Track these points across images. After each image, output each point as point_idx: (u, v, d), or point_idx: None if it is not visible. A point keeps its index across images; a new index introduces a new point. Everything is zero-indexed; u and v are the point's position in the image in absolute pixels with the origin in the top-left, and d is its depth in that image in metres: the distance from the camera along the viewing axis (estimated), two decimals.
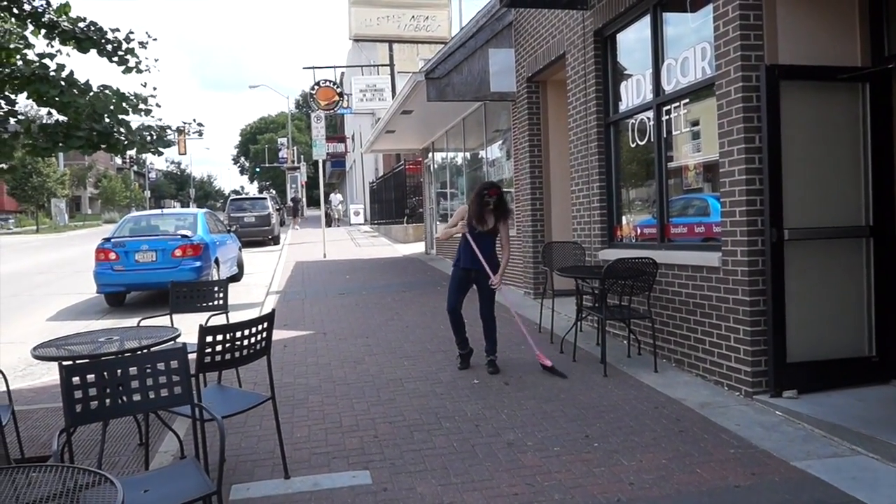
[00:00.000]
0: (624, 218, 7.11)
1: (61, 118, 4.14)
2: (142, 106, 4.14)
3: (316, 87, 22.93)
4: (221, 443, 2.74)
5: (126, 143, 4.14)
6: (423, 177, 18.18)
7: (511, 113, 10.01)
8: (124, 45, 4.47)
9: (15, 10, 4.23)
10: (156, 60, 4.65)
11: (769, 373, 4.88)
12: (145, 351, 3.61)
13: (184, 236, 11.22)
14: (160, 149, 4.44)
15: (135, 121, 4.26)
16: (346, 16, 20.50)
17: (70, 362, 2.97)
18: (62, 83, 3.83)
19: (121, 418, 4.63)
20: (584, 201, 7.58)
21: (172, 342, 4.22)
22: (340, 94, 23.09)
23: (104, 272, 10.88)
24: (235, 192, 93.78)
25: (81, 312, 11.09)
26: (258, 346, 3.73)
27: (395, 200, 22.27)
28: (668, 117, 6.11)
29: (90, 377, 2.78)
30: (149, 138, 4.34)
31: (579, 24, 7.47)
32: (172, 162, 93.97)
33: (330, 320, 8.48)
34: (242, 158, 77.87)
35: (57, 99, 3.80)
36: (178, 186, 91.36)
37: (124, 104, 4.02)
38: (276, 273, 14.54)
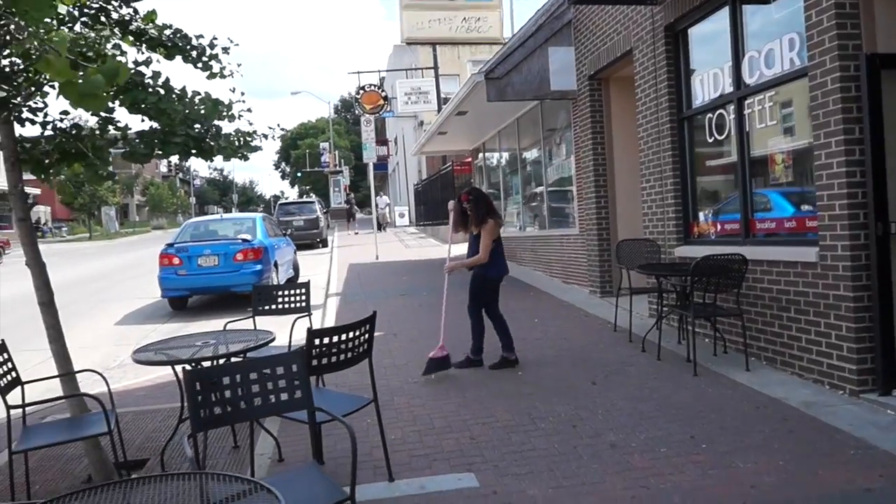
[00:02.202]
0: (701, 214, 6.93)
1: (153, 125, 4.16)
2: (233, 112, 4.14)
3: (361, 92, 23.02)
4: (353, 447, 2.69)
5: (217, 148, 4.14)
6: (472, 177, 18.10)
7: (571, 111, 9.87)
8: (208, 52, 4.46)
9: (103, 19, 4.27)
10: (238, 65, 4.65)
11: (877, 371, 4.68)
12: (250, 356, 3.59)
13: (244, 240, 11.32)
14: (247, 154, 4.44)
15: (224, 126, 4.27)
16: (398, 20, 20.56)
17: (191, 366, 2.95)
18: (160, 90, 3.84)
19: None
20: (656, 198, 7.41)
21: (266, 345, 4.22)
22: (385, 98, 23.14)
23: (168, 276, 11.05)
24: (276, 197, 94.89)
25: (147, 316, 11.27)
26: (361, 349, 3.69)
27: (442, 201, 22.20)
28: (750, 110, 5.92)
29: (213, 381, 2.76)
30: (236, 143, 4.34)
31: (648, 20, 7.31)
32: (215, 169, 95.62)
33: (397, 321, 8.44)
34: (283, 164, 78.64)
35: (153, 106, 3.81)
36: (221, 192, 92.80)
37: (219, 110, 4.01)
38: (331, 275, 14.61)
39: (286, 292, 5.58)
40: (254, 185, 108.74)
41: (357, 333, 3.60)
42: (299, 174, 67.76)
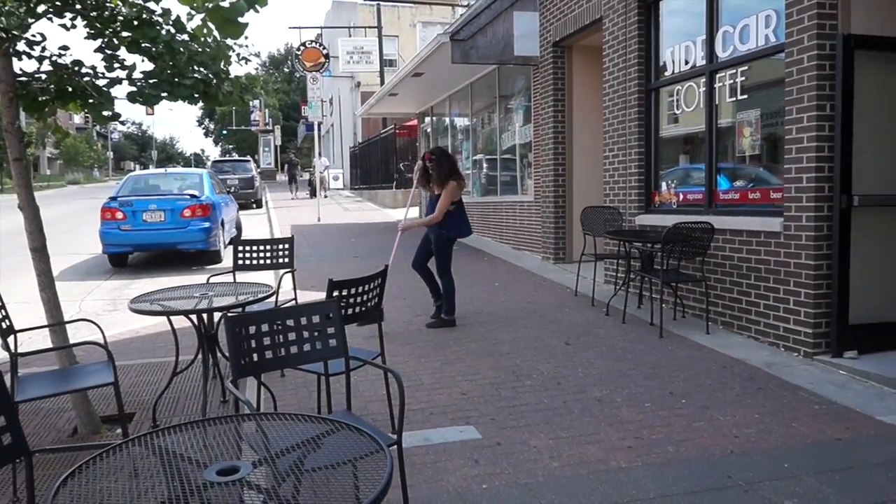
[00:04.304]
0: (663, 184, 7.20)
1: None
2: (241, 54, 4.03)
3: (302, 48, 22.38)
4: (401, 394, 2.76)
5: (223, 93, 4.02)
6: (417, 141, 18.05)
7: (532, 78, 9.98)
8: None
9: None
10: None
11: (831, 334, 5.05)
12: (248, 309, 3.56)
13: (192, 196, 10.99)
14: (248, 100, 4.34)
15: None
16: None
17: (231, 315, 2.92)
18: (171, 28, 3.69)
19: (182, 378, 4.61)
20: (619, 167, 7.64)
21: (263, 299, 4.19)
22: (326, 56, 22.59)
23: (110, 231, 10.63)
24: (196, 154, 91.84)
25: (86, 273, 10.84)
26: (373, 302, 3.72)
27: (382, 165, 22.05)
28: (720, 84, 6.17)
29: (252, 329, 2.76)
30: (240, 88, 4.22)
31: None
32: (133, 123, 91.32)
33: None
34: (207, 120, 75.80)
35: (164, 44, 3.65)
36: (139, 148, 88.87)
37: (227, 53, 3.89)
38: (274, 236, 14.36)
39: (269, 247, 5.51)
40: (174, 142, 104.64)
41: (371, 286, 3.63)
42: (224, 132, 65.58)
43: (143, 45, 3.73)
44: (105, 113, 3.65)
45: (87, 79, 3.64)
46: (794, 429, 3.88)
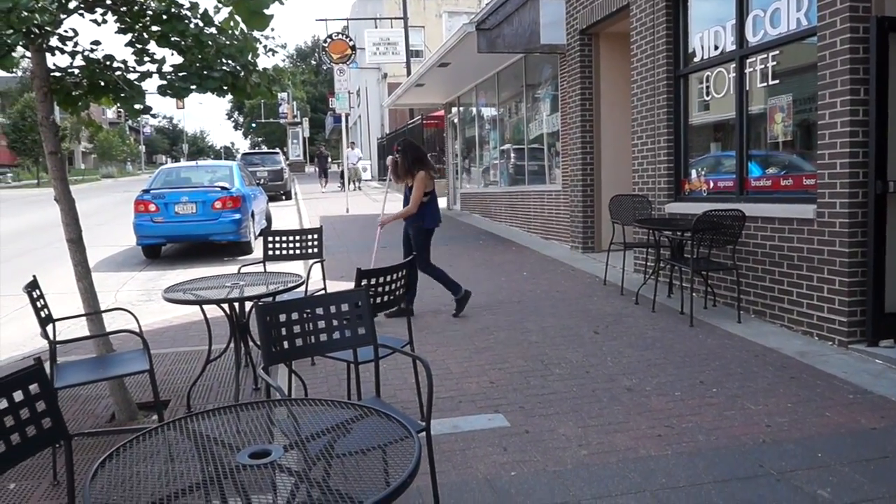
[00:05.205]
0: (693, 171, 7.11)
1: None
2: (269, 46, 4.06)
3: (329, 40, 22.46)
4: (429, 380, 2.77)
5: (251, 85, 4.06)
6: (445, 132, 18.04)
7: (559, 66, 9.91)
8: None
9: None
10: None
11: (866, 323, 4.96)
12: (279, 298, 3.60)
13: (223, 188, 11.13)
14: (276, 92, 4.38)
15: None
16: None
17: (261, 304, 2.97)
18: (199, 21, 3.74)
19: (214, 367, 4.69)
20: (647, 155, 7.56)
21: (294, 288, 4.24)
22: (353, 48, 22.66)
23: (144, 224, 10.83)
24: (227, 147, 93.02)
25: (121, 264, 11.06)
26: (399, 292, 3.75)
27: None
28: (751, 69, 6.07)
29: (282, 317, 2.80)
30: (268, 80, 4.26)
31: None
32: (164, 117, 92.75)
33: None
34: (236, 113, 76.57)
35: (193, 37, 3.71)
36: (170, 142, 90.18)
37: (254, 45, 3.93)
38: (304, 226, 14.48)
39: (298, 238, 5.57)
40: (204, 135, 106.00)
41: (398, 276, 3.65)
42: (254, 125, 66.20)
43: (172, 38, 3.79)
44: (136, 106, 3.72)
45: (118, 73, 3.72)
46: (828, 418, 3.82)
